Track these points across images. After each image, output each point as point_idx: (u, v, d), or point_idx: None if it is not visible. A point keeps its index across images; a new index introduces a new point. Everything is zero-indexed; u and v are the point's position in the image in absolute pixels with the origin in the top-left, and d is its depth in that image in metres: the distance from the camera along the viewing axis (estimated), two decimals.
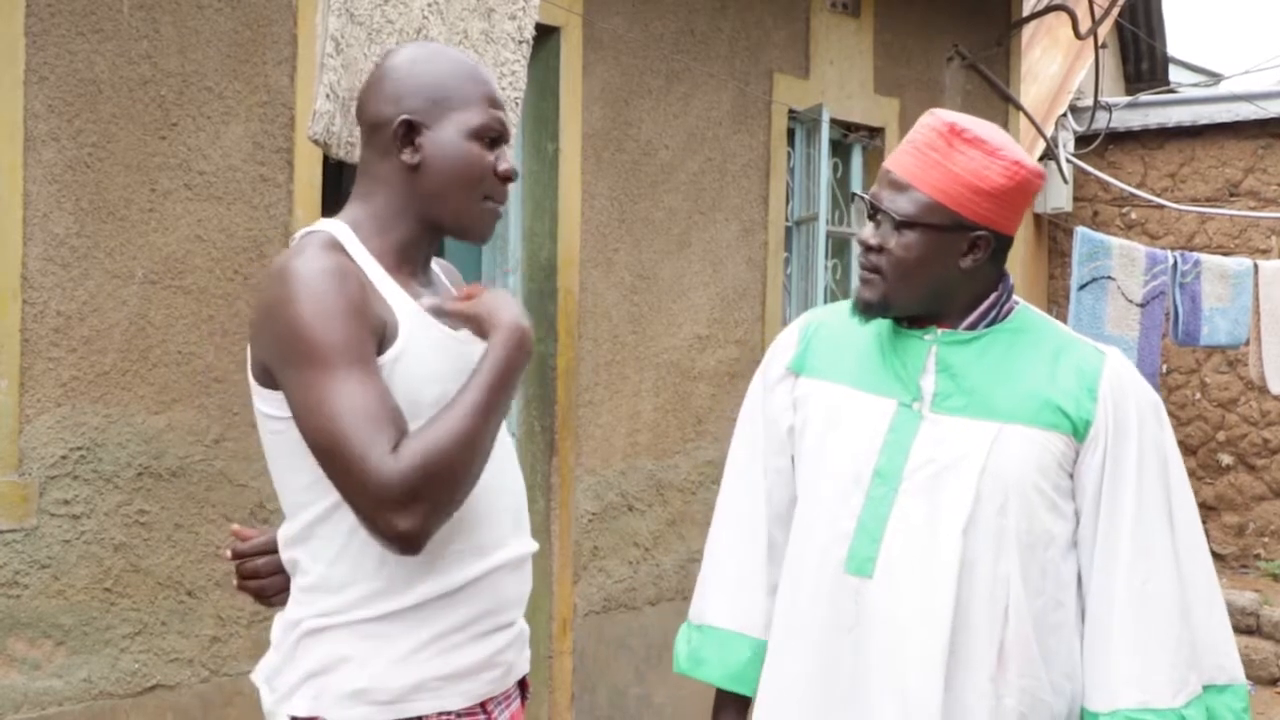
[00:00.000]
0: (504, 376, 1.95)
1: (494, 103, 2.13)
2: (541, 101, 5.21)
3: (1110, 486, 2.28)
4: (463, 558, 2.04)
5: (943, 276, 2.31)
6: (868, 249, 2.33)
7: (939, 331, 2.36)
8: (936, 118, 2.32)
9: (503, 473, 2.13)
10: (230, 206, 4.13)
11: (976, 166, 2.26)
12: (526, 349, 2.00)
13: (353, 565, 2.00)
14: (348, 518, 1.99)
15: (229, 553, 2.23)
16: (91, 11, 3.80)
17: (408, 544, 1.89)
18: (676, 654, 2.63)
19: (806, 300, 6.41)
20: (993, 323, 2.36)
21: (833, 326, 2.50)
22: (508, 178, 2.14)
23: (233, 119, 4.13)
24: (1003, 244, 2.33)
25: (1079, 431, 2.28)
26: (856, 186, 6.90)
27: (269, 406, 2.02)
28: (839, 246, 6.86)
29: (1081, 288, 7.02)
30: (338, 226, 2.09)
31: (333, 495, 1.99)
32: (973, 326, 2.35)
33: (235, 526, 2.27)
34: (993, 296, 2.35)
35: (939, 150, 2.28)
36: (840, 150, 6.82)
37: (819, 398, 2.44)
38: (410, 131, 2.08)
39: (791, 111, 6.29)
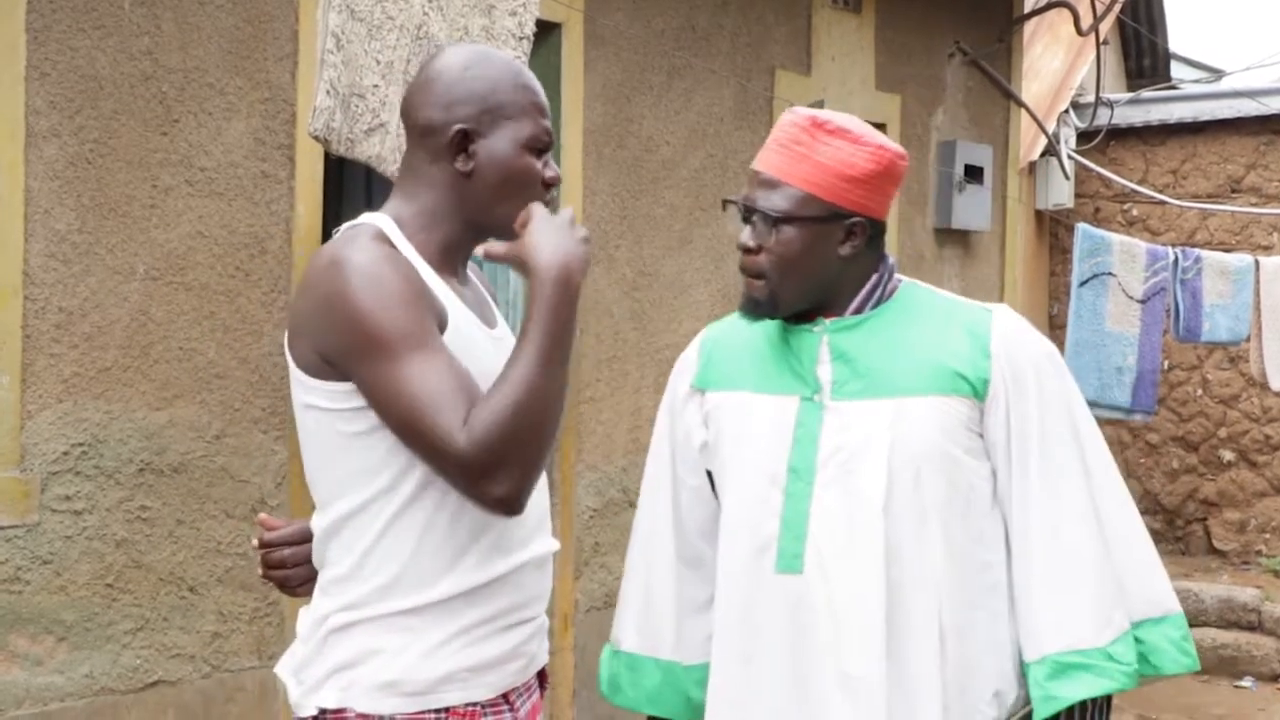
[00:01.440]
0: (553, 320, 1.96)
1: (543, 111, 2.18)
2: None
3: (1017, 440, 2.31)
4: (489, 555, 2.07)
5: (824, 267, 2.34)
6: (746, 251, 2.36)
7: (827, 321, 2.38)
8: (797, 114, 2.38)
9: None
10: (232, 203, 4.13)
11: (843, 155, 2.31)
12: (570, 286, 1.99)
13: (382, 560, 2.02)
14: (382, 513, 2.02)
15: (256, 541, 2.26)
16: (93, 8, 3.81)
17: (508, 508, 1.95)
18: (599, 679, 2.66)
19: None
20: (878, 303, 2.39)
21: (729, 337, 2.53)
22: (553, 184, 2.16)
23: (234, 115, 4.13)
24: (878, 229, 2.37)
25: (978, 392, 2.31)
26: None
27: (317, 398, 2.03)
28: None
29: (1082, 284, 7.03)
30: (383, 220, 2.10)
31: (366, 490, 2.02)
32: (859, 310, 2.38)
33: (262, 516, 2.30)
34: (874, 278, 2.39)
35: (804, 144, 2.33)
36: None
37: (725, 408, 2.46)
38: (465, 140, 2.09)
39: (793, 108, 6.29)
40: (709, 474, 2.51)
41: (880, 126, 6.83)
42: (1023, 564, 2.31)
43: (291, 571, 2.22)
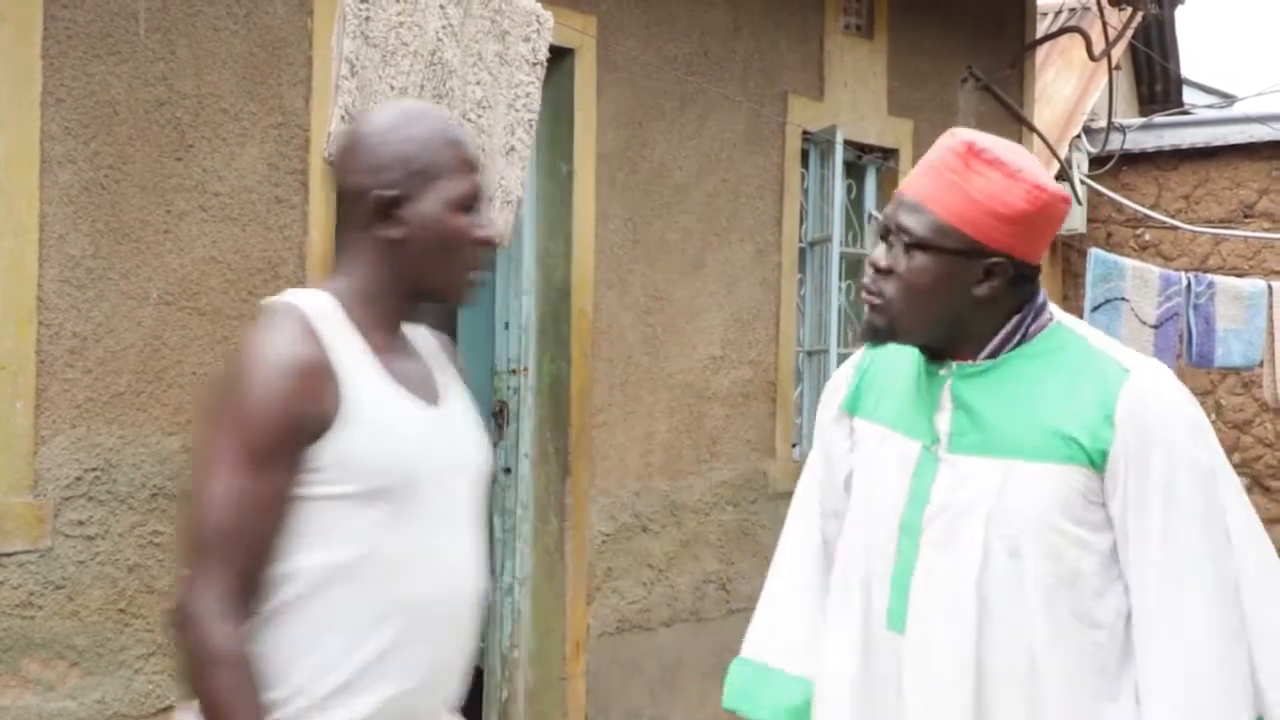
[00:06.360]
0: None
1: (473, 166, 2.08)
2: (555, 123, 5.22)
3: (1136, 518, 2.12)
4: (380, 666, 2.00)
5: (955, 305, 2.18)
6: (877, 271, 2.21)
7: (954, 365, 2.23)
8: (955, 137, 2.19)
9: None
10: (245, 228, 4.14)
11: (995, 189, 2.12)
12: None
13: (294, 654, 1.97)
14: (312, 611, 1.96)
15: None
16: (108, 34, 3.82)
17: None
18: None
19: (820, 322, 6.40)
20: (1017, 346, 2.21)
21: (885, 362, 2.38)
22: (486, 244, 2.10)
23: (248, 141, 4.14)
24: (1024, 272, 2.19)
25: (1096, 462, 2.12)
26: (870, 208, 6.90)
27: None
28: (853, 268, 6.85)
29: (1095, 309, 7.01)
30: (317, 299, 2.05)
31: (293, 589, 1.96)
32: (993, 355, 2.21)
33: None
34: (1014, 320, 2.21)
35: (956, 171, 2.15)
36: (854, 171, 6.82)
37: (867, 441, 2.35)
38: (391, 206, 2.03)
39: (805, 133, 6.30)
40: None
41: (892, 151, 6.84)
42: (1141, 652, 2.13)
43: None
